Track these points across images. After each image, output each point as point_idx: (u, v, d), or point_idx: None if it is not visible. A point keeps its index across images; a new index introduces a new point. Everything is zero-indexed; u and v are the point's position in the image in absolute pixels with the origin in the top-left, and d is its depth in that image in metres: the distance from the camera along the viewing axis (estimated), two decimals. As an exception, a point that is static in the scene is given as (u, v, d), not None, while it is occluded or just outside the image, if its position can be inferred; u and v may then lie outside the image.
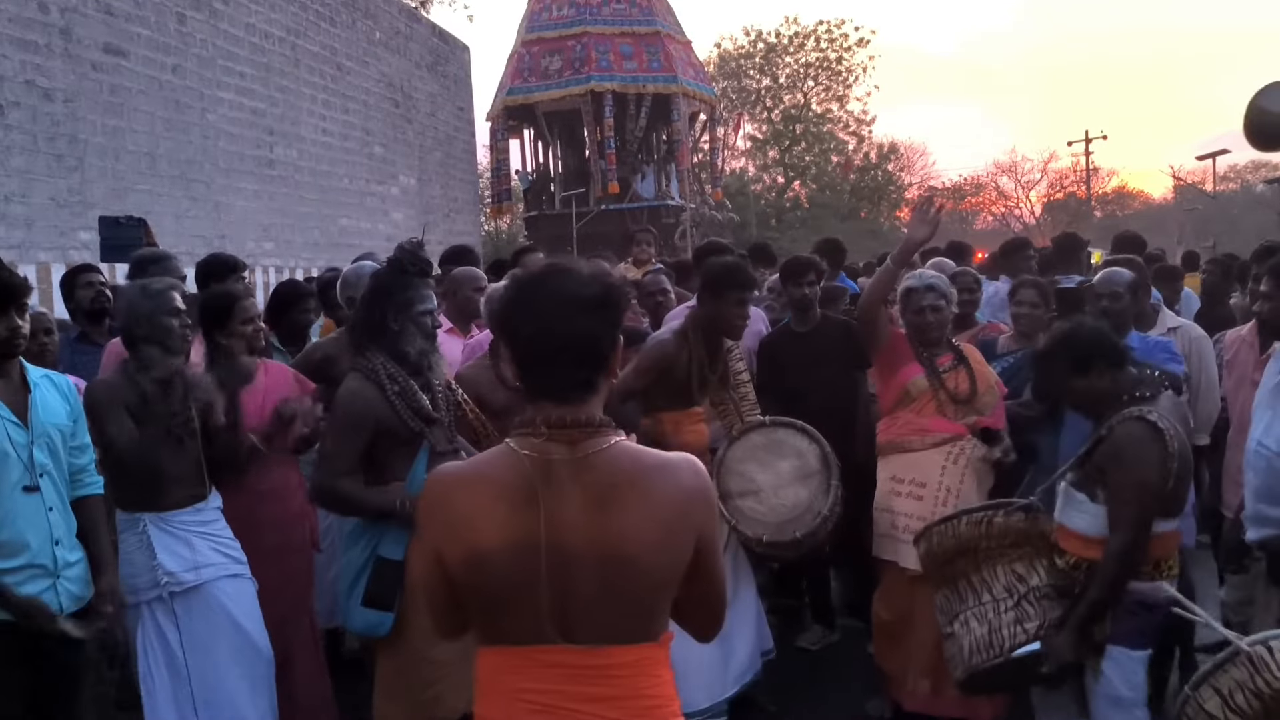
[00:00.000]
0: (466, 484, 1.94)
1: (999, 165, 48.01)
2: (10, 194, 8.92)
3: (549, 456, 1.87)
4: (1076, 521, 3.36)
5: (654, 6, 22.37)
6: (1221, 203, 38.48)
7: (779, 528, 4.09)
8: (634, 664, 1.88)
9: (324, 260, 13.51)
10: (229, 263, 5.21)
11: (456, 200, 20.04)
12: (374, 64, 16.46)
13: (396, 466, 3.54)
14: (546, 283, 1.89)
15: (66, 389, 3.16)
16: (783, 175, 42.07)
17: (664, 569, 1.88)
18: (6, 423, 2.92)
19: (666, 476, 1.89)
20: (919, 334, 4.38)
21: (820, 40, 40.59)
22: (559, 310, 1.85)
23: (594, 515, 1.84)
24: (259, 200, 12.89)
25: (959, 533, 3.58)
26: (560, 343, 1.86)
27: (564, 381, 1.89)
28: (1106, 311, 4.50)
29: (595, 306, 1.87)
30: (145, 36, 10.78)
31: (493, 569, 1.85)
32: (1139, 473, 3.16)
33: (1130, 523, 3.17)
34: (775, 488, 4.17)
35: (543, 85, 21.78)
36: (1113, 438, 3.25)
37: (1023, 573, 3.46)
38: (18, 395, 2.99)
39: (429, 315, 3.61)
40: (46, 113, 9.37)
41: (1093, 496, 3.30)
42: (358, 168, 15.67)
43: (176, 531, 3.61)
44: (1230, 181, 46.64)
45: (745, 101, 41.24)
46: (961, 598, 3.58)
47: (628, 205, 21.54)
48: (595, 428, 1.89)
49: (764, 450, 4.24)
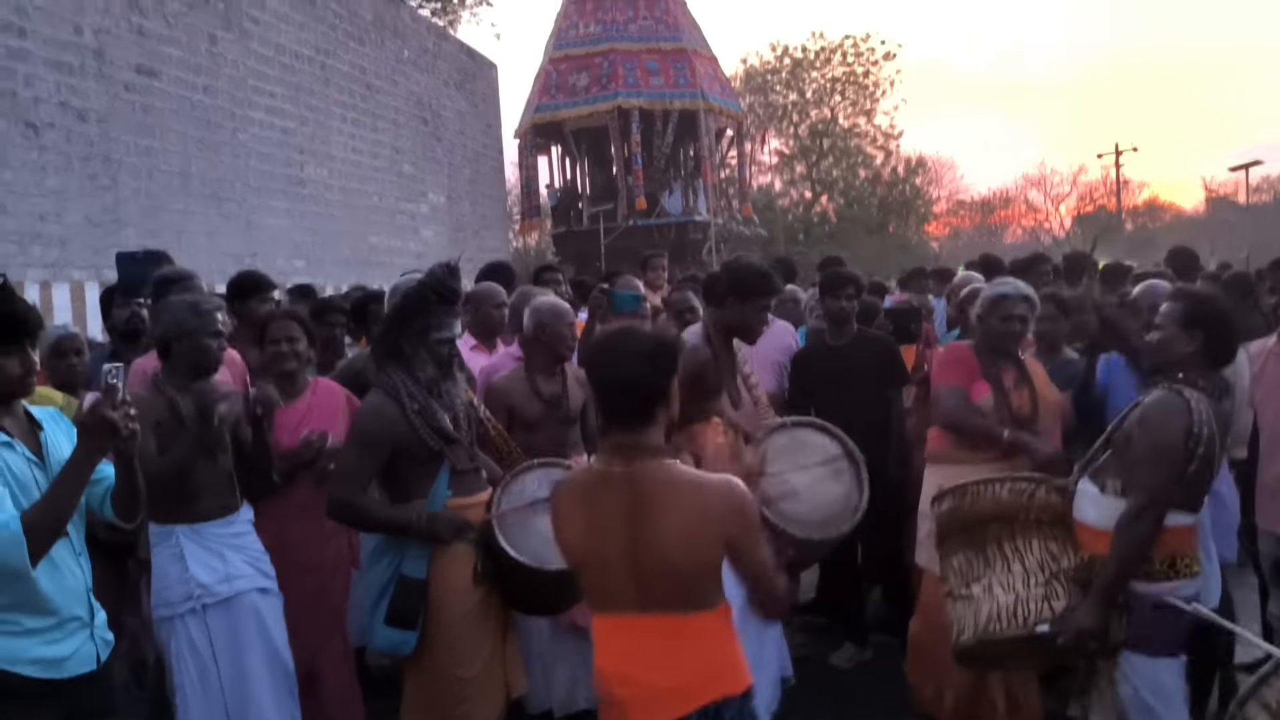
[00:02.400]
0: (567, 490, 2.65)
1: (1028, 178, 47.84)
2: (45, 213, 9.02)
3: (609, 470, 2.51)
4: (1087, 513, 3.29)
5: (680, 23, 22.43)
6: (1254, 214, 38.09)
7: (823, 525, 4.05)
8: (692, 627, 2.48)
9: (354, 277, 13.58)
10: (259, 281, 5.24)
11: (485, 217, 20.12)
12: (403, 82, 16.57)
13: (418, 484, 3.56)
14: (615, 339, 2.57)
15: (67, 425, 2.99)
16: (810, 190, 41.97)
17: (690, 563, 2.45)
18: (30, 464, 2.77)
19: (694, 494, 2.47)
20: (999, 343, 4.30)
21: (847, 55, 40.54)
22: (623, 360, 2.48)
23: (632, 519, 2.45)
24: (290, 218, 12.98)
25: (999, 497, 3.49)
26: (622, 384, 2.48)
27: (628, 414, 2.50)
28: (1149, 324, 4.44)
29: (649, 356, 2.49)
30: (177, 57, 10.90)
31: (580, 557, 2.56)
32: (1161, 438, 3.08)
33: (1144, 486, 3.08)
34: (810, 487, 4.13)
35: (570, 102, 21.86)
36: (1144, 404, 3.20)
37: (1056, 552, 3.37)
38: (30, 434, 2.85)
39: (445, 343, 3.59)
40: (80, 133, 9.48)
41: (1102, 487, 3.23)
42: (387, 185, 15.76)
43: (209, 544, 3.63)
44: (1263, 193, 46.16)
45: (772, 116, 41.19)
46: (989, 562, 3.48)
47: (655, 221, 21.55)
48: (649, 450, 2.50)
49: (790, 451, 4.21)
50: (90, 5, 9.63)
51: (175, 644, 3.61)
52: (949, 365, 4.39)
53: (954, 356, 4.41)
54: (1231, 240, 33.91)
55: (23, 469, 2.73)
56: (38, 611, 2.72)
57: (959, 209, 47.88)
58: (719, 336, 4.25)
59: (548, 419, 4.41)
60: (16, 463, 2.73)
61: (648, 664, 2.47)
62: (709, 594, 2.51)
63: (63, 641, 2.78)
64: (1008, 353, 4.33)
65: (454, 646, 3.54)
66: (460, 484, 3.63)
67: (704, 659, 2.49)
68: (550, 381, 4.46)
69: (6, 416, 2.78)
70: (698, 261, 20.00)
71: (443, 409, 3.58)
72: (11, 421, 2.79)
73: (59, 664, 2.77)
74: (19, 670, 2.68)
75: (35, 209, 8.92)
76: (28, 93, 8.88)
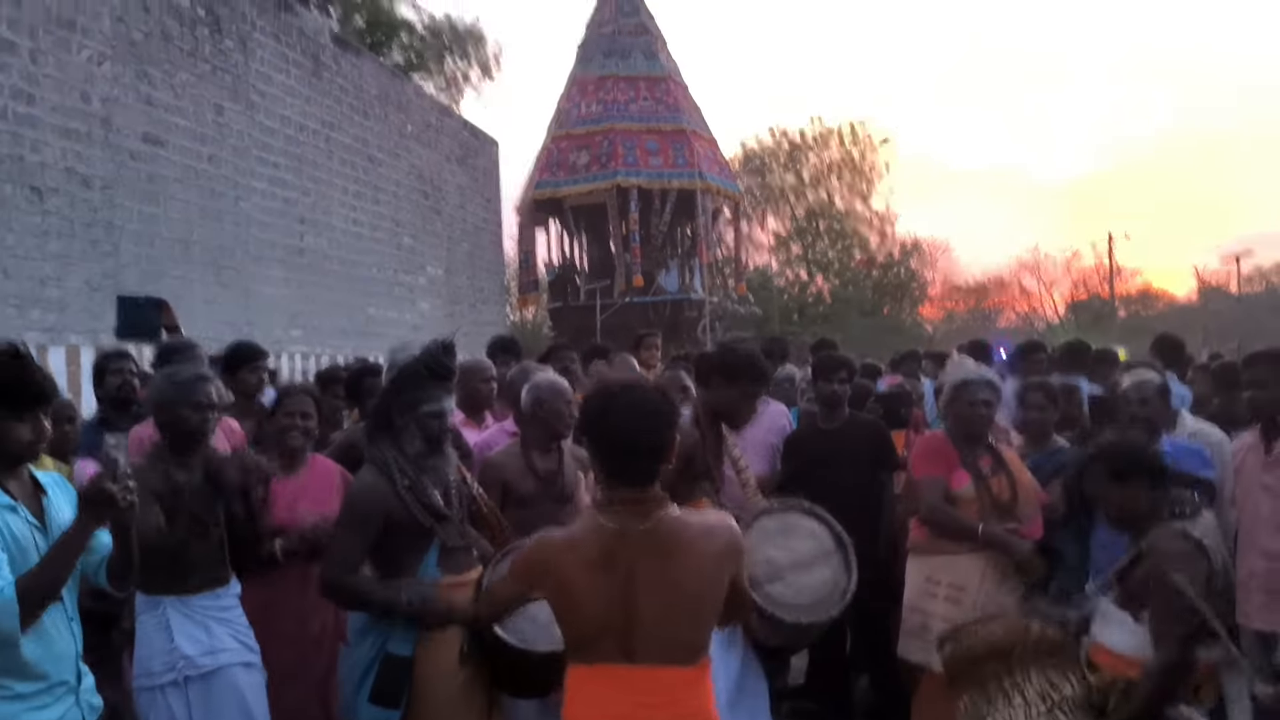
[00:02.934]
0: (566, 550, 2.65)
1: (1022, 263, 48.16)
2: (46, 277, 9.08)
3: (627, 527, 2.57)
4: (1117, 640, 3.28)
5: (681, 105, 22.81)
6: (1246, 304, 38.43)
7: (811, 609, 4.03)
8: (680, 680, 2.59)
9: (351, 347, 13.63)
10: (248, 352, 5.26)
11: (483, 290, 20.25)
12: (405, 156, 16.79)
13: (408, 561, 3.54)
14: (619, 398, 2.64)
15: (69, 491, 3.04)
16: (806, 271, 42.36)
17: (711, 601, 2.62)
18: (31, 528, 2.82)
19: (710, 537, 2.64)
20: (967, 428, 4.35)
21: (844, 139, 41.24)
22: (632, 419, 2.58)
23: (663, 566, 2.55)
24: (288, 287, 13.06)
25: (993, 635, 3.51)
26: (638, 444, 2.58)
27: (638, 471, 2.60)
28: (1135, 417, 4.47)
29: (656, 414, 2.61)
30: (183, 126, 11.06)
31: (585, 614, 2.60)
32: (1182, 589, 3.08)
33: (1175, 639, 3.08)
34: (799, 570, 4.12)
35: (570, 180, 22.12)
36: (1153, 553, 3.19)
37: (1056, 681, 3.37)
38: (32, 498, 2.90)
39: (434, 418, 3.58)
40: (84, 199, 9.58)
41: (1136, 616, 3.23)
42: (386, 257, 15.88)
43: (195, 615, 3.61)
44: (1255, 283, 46.64)
45: (769, 198, 41.75)
46: (990, 700, 3.48)
47: (651, 298, 21.68)
48: (659, 503, 2.61)
49: (779, 534, 4.20)
50: (99, 74, 9.79)
51: (155, 715, 3.56)
52: (927, 455, 4.42)
53: (931, 446, 4.44)
54: (1223, 329, 34.19)
55: (24, 532, 2.78)
56: (27, 677, 2.74)
57: (953, 292, 48.29)
58: (708, 418, 4.26)
59: (542, 496, 4.39)
60: (18, 526, 2.78)
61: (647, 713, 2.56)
62: (703, 645, 2.64)
63: (50, 706, 2.79)
64: (978, 438, 4.37)
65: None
66: (450, 561, 3.61)
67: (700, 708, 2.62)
68: (546, 459, 4.45)
69: (12, 480, 2.84)
70: (693, 339, 20.09)
71: (434, 484, 3.57)
72: (17, 485, 2.85)
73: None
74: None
75: (37, 273, 8.98)
76: (34, 158, 8.99)
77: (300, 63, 13.68)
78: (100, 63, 9.80)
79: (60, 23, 9.31)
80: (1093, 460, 3.48)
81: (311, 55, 14.02)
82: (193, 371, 3.81)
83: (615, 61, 22.96)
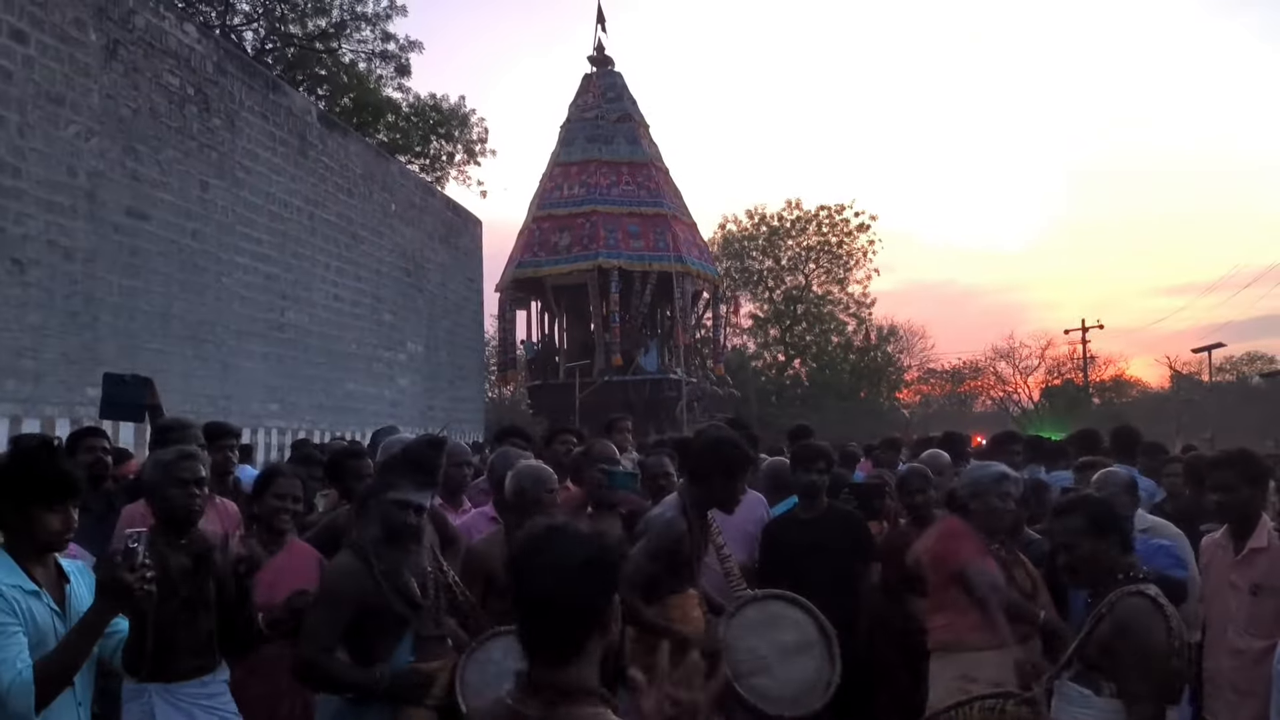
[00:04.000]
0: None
1: (996, 350, 48.55)
2: (23, 349, 9.03)
3: (523, 715, 1.86)
4: (1078, 717, 3.28)
5: (661, 189, 23.15)
6: (1219, 394, 38.85)
7: (795, 702, 3.99)
8: None
9: (328, 423, 13.57)
10: (214, 429, 5.24)
11: (463, 368, 20.25)
12: (388, 234, 16.90)
13: (382, 647, 3.50)
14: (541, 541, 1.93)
15: (90, 579, 3.14)
16: (783, 353, 42.61)
17: None
18: (53, 614, 2.95)
19: None
20: (994, 522, 4.31)
21: (821, 225, 41.75)
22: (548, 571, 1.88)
23: None
24: (267, 362, 13.03)
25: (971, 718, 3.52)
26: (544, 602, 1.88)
27: (550, 640, 1.89)
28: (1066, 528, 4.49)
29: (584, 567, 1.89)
30: (168, 201, 11.11)
31: None
32: (1148, 645, 3.12)
33: (1149, 695, 3.11)
34: (782, 661, 4.09)
35: (552, 260, 22.34)
36: (1114, 614, 3.20)
37: None
38: (56, 585, 3.04)
39: (399, 507, 3.54)
40: (65, 271, 9.58)
41: (1098, 690, 3.23)
42: (367, 333, 15.89)
43: (180, 703, 3.56)
44: (1226, 373, 47.13)
45: (748, 281, 42.13)
46: None
47: (631, 378, 21.77)
48: (574, 693, 1.87)
49: (762, 625, 4.18)
50: (86, 150, 9.86)
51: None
52: (966, 539, 4.31)
53: (964, 531, 4.35)
54: (1196, 418, 34.47)
55: (45, 618, 2.90)
56: None
57: (929, 376, 48.55)
58: (695, 509, 4.25)
59: None
60: (40, 612, 2.90)
61: None
62: None
63: None
64: (1000, 531, 4.34)
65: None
66: (424, 649, 3.58)
67: None
68: None
69: (39, 567, 2.97)
70: (671, 419, 20.12)
71: (412, 573, 3.55)
72: (42, 572, 2.98)
73: None
74: None
75: (14, 344, 8.93)
76: (17, 230, 9.00)
77: (287, 141, 13.82)
78: (88, 138, 9.87)
79: (49, 98, 9.39)
80: (1072, 509, 3.46)
81: (298, 134, 14.18)
82: (177, 450, 3.80)
83: (598, 146, 23.37)
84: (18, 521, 2.96)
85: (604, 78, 24.75)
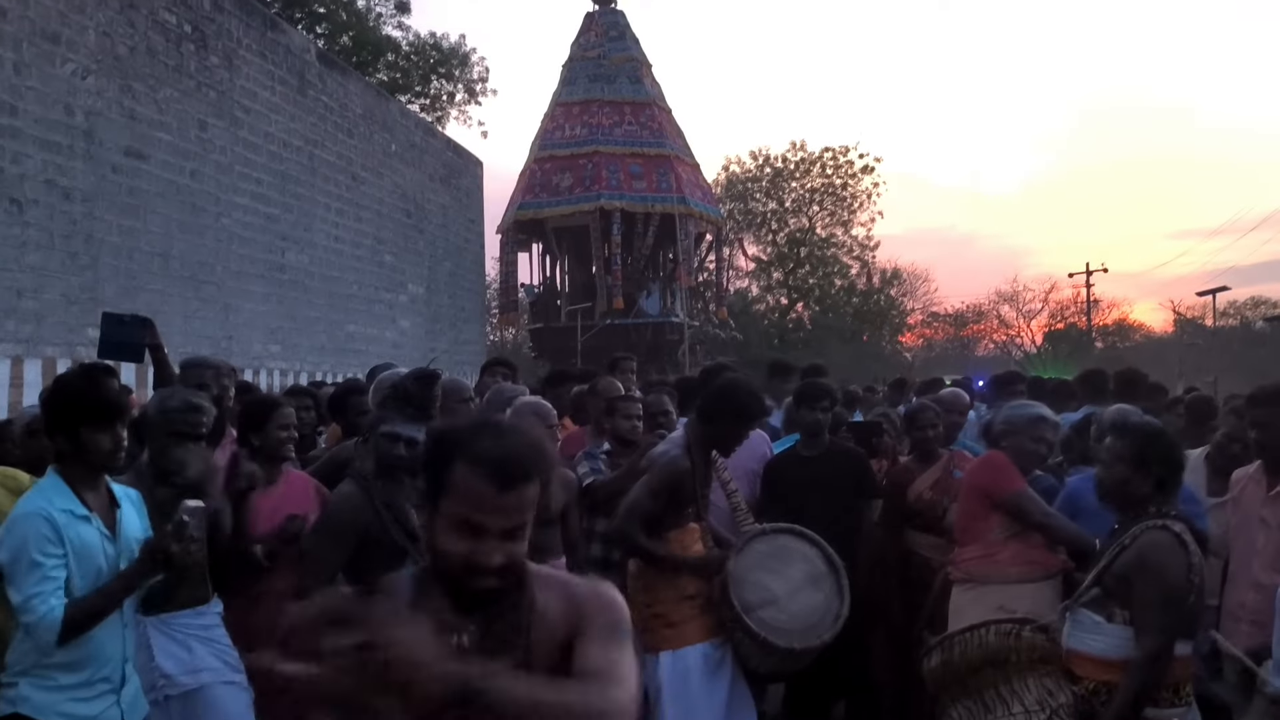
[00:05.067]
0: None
1: (1000, 293, 48.36)
2: (23, 289, 9.01)
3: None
4: (1091, 644, 3.32)
5: (664, 129, 22.94)
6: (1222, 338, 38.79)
7: (804, 634, 4.05)
8: None
9: (329, 364, 13.58)
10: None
11: (464, 310, 20.22)
12: (389, 175, 16.78)
13: None
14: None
15: (139, 504, 3.33)
16: (786, 296, 42.51)
17: None
18: (102, 537, 3.09)
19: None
20: (1026, 463, 4.32)
21: (825, 167, 41.44)
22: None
23: None
24: (268, 304, 13.00)
25: (987, 643, 3.54)
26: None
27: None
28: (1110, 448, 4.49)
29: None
30: (166, 141, 11.02)
31: None
32: (1165, 579, 3.16)
33: (1159, 629, 3.15)
34: (791, 594, 4.14)
35: (553, 201, 22.22)
36: (1136, 546, 3.24)
37: (1052, 688, 3.42)
38: (107, 509, 3.17)
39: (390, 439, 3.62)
40: (64, 211, 9.52)
41: (1109, 617, 3.27)
42: (367, 275, 15.85)
43: (176, 634, 3.60)
44: (1230, 317, 47.09)
45: (751, 223, 41.91)
46: (989, 708, 3.51)
47: (632, 320, 21.75)
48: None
49: (771, 558, 4.21)
50: (83, 88, 9.75)
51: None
52: (1010, 470, 4.29)
53: (1007, 463, 4.32)
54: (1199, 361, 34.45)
55: (95, 542, 3.07)
56: (70, 669, 3.04)
57: (932, 320, 48.45)
58: (699, 447, 4.28)
59: None
60: (90, 535, 3.06)
61: None
62: None
63: (90, 701, 3.07)
64: (1028, 472, 4.33)
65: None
66: None
67: None
68: None
69: (89, 491, 3.13)
70: (673, 363, 20.14)
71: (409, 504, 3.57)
72: (93, 497, 3.14)
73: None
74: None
75: (14, 284, 8.91)
76: (15, 170, 8.94)
77: (285, 80, 13.67)
78: (84, 76, 9.76)
79: (45, 36, 9.27)
80: (1124, 432, 3.45)
81: (297, 73, 14.02)
82: (185, 400, 3.77)
83: (600, 86, 23.13)
84: (70, 446, 3.10)
85: (606, 16, 24.45)
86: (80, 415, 3.09)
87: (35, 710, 3.00)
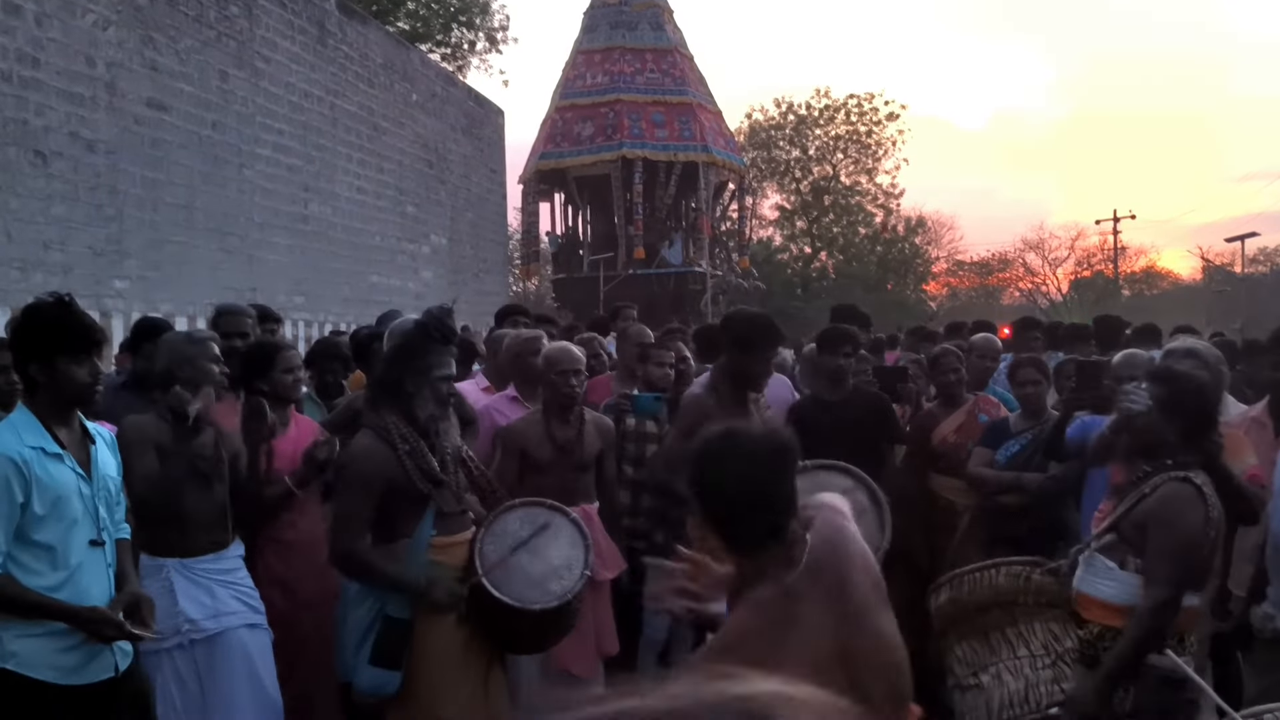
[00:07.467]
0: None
1: (1026, 241, 47.91)
2: (50, 241, 9.07)
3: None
4: (1102, 589, 3.31)
5: (687, 76, 22.69)
6: (1250, 285, 38.34)
7: None
8: None
9: (353, 315, 13.63)
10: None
11: (486, 261, 20.22)
12: (410, 125, 16.73)
13: (404, 523, 3.58)
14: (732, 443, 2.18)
15: (112, 442, 3.23)
16: (810, 245, 42.23)
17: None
18: (76, 476, 2.97)
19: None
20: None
21: (850, 114, 40.94)
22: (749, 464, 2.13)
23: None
24: (291, 255, 13.05)
25: (996, 584, 3.55)
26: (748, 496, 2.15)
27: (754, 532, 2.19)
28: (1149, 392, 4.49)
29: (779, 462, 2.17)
30: (188, 93, 11.01)
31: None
32: (1180, 530, 3.13)
33: (1167, 580, 3.13)
34: None
35: (575, 150, 22.07)
36: (1157, 495, 3.22)
37: (1059, 633, 3.42)
38: (81, 447, 3.04)
39: (445, 381, 3.65)
40: (88, 163, 9.55)
41: (1122, 563, 3.26)
42: (390, 226, 15.85)
43: (199, 579, 3.63)
44: (1260, 264, 46.47)
45: (774, 172, 41.55)
46: (994, 650, 3.51)
47: (655, 270, 21.67)
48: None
49: (811, 493, 4.22)
50: (104, 39, 9.74)
51: (161, 678, 3.59)
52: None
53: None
54: (1227, 309, 34.10)
55: (68, 481, 2.94)
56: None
57: (957, 269, 48.08)
58: (727, 385, 4.34)
59: (560, 464, 4.46)
60: (62, 474, 2.93)
61: None
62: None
63: (79, 648, 2.97)
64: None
65: (436, 686, 3.54)
66: (445, 524, 3.66)
67: None
68: (564, 427, 4.53)
69: (63, 428, 2.98)
70: (695, 312, 20.10)
71: (435, 450, 3.61)
72: (66, 433, 2.99)
73: (76, 670, 2.97)
74: (37, 675, 2.88)
75: (40, 236, 8.97)
76: (38, 122, 8.96)
77: (306, 30, 13.61)
78: (105, 27, 9.75)
79: (64, -15, 9.27)
80: (1162, 379, 3.35)
81: (317, 22, 13.95)
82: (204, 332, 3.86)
83: (622, 33, 22.86)
84: (44, 377, 2.93)
85: (627, -39, 24.11)
86: (56, 345, 2.92)
87: (24, 666, 2.88)
